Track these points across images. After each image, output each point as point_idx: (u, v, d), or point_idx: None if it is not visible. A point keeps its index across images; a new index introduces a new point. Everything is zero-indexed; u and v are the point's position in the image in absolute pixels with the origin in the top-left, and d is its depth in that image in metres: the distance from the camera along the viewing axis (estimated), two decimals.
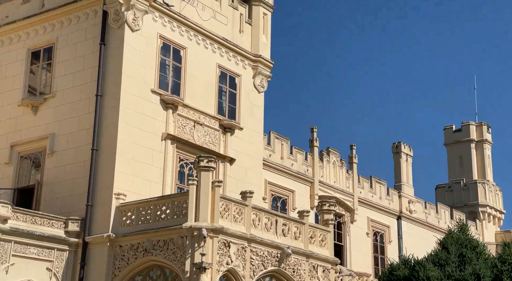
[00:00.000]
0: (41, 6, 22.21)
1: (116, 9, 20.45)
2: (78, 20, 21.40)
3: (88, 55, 20.86)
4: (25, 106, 21.66)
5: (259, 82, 24.61)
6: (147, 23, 20.98)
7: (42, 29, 22.11)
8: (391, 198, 33.52)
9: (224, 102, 23.28)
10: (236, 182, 22.74)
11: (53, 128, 20.95)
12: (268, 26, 25.26)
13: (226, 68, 23.52)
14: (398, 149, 35.76)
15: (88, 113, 20.38)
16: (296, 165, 28.31)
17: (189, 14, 22.33)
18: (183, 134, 21.53)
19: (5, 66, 22.66)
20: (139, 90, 20.50)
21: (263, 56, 24.69)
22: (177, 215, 18.33)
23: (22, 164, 21.50)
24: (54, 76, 21.48)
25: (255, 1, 24.95)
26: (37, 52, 22.15)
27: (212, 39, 23.05)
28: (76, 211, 19.67)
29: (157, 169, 20.60)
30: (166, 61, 21.62)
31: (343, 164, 30.79)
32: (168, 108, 21.21)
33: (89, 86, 20.56)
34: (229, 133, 23.03)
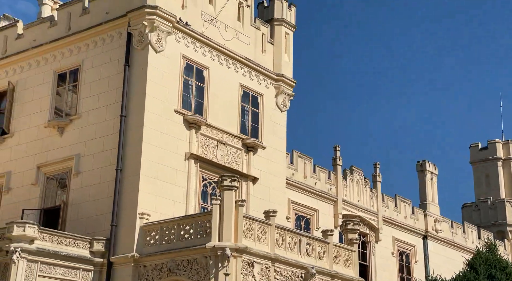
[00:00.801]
0: (67, 29, 22.67)
1: (140, 30, 20.78)
2: (103, 42, 21.77)
3: (113, 76, 21.17)
4: (52, 128, 22.00)
5: (281, 101, 24.68)
6: (170, 44, 21.25)
7: (68, 51, 22.54)
8: (417, 217, 33.10)
9: (247, 121, 23.37)
10: (259, 201, 22.69)
11: (79, 149, 21.22)
12: (290, 45, 25.40)
13: (248, 87, 23.65)
14: (422, 168, 35.43)
15: (112, 133, 20.62)
16: (320, 184, 28.18)
17: (211, 34, 22.57)
18: (206, 153, 21.62)
19: (32, 89, 23.10)
20: (162, 110, 20.70)
21: (285, 75, 24.79)
22: (201, 234, 18.33)
23: (49, 184, 21.77)
24: (80, 97, 21.82)
25: (277, 21, 25.15)
26: (63, 74, 22.55)
27: (234, 59, 23.24)
28: (101, 231, 19.80)
29: (181, 188, 20.68)
30: (189, 81, 21.83)
31: (367, 183, 30.55)
32: (191, 128, 21.36)
33: (113, 107, 20.83)
34: (252, 152, 23.07)
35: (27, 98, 23.07)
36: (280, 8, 25.32)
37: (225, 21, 23.21)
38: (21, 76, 23.49)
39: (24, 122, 22.85)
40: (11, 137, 23.00)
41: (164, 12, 20.89)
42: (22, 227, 18.19)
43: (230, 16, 23.43)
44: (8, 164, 22.73)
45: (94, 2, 22.24)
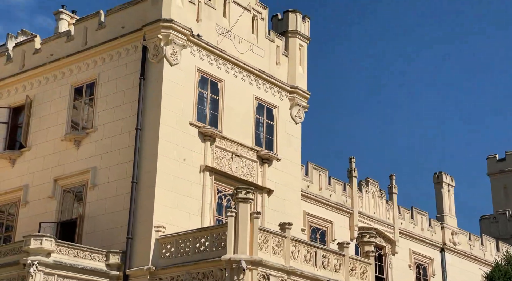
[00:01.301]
0: (84, 44, 22.93)
1: (155, 44, 20.95)
2: (119, 56, 21.98)
3: (128, 89, 21.35)
4: (68, 141, 22.18)
5: (296, 113, 24.68)
6: (185, 57, 21.40)
7: (85, 65, 22.78)
8: (434, 229, 32.78)
9: (262, 133, 23.39)
10: (274, 213, 22.64)
11: (95, 162, 21.36)
12: (304, 57, 25.45)
13: (263, 99, 23.70)
14: (439, 179, 35.16)
15: (128, 146, 20.74)
16: (335, 196, 28.05)
17: (226, 47, 22.70)
18: (221, 165, 21.65)
19: (49, 102, 23.35)
20: (177, 123, 20.80)
21: (300, 87, 24.82)
22: (216, 247, 18.30)
23: (65, 197, 21.90)
24: (96, 111, 22.00)
25: (291, 33, 25.23)
26: (79, 88, 22.77)
27: (249, 71, 23.33)
28: (117, 243, 19.86)
29: (196, 201, 20.71)
30: (204, 93, 21.94)
31: (382, 195, 30.36)
32: (206, 140, 21.42)
33: (129, 120, 20.97)
34: (266, 164, 23.06)
35: (44, 112, 23.32)
36: (294, 21, 25.41)
37: (240, 33, 23.34)
38: (38, 90, 23.77)
39: (41, 136, 23.07)
40: (28, 150, 23.22)
41: (179, 26, 21.07)
42: (39, 240, 18.31)
43: (245, 28, 23.56)
44: (26, 177, 22.94)
45: (110, 17, 22.50)
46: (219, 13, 22.82)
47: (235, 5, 23.37)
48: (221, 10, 22.90)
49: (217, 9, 22.73)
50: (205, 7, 22.32)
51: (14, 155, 23.40)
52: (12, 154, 23.41)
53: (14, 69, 24.64)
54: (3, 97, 24.68)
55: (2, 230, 23.17)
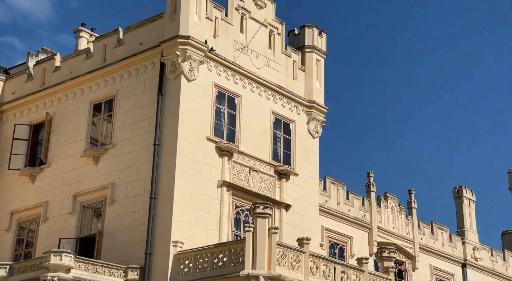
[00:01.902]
0: (103, 61, 23.21)
1: (173, 60, 21.15)
2: (137, 73, 22.21)
3: (146, 105, 21.52)
4: (87, 157, 22.37)
5: (313, 127, 24.66)
6: (202, 73, 21.55)
7: (104, 82, 23.04)
8: (454, 244, 32.35)
9: (279, 148, 23.39)
10: (292, 228, 22.53)
11: (113, 178, 21.50)
12: (321, 72, 25.49)
13: (280, 114, 23.74)
14: (459, 194, 34.79)
15: (146, 162, 20.85)
16: (353, 211, 27.87)
17: (243, 62, 22.83)
18: (239, 180, 21.66)
19: (69, 119, 23.61)
20: (195, 138, 20.89)
21: (317, 101, 24.82)
22: (234, 262, 18.25)
23: (84, 213, 22.04)
24: (114, 127, 22.19)
25: (308, 48, 25.31)
26: (98, 105, 23.01)
27: (266, 87, 23.40)
28: (136, 259, 19.89)
29: (214, 216, 20.71)
30: (221, 109, 22.04)
31: (402, 210, 30.09)
32: (224, 155, 21.47)
33: (147, 135, 21.12)
34: (284, 179, 23.02)
35: (64, 128, 23.58)
36: (311, 35, 25.51)
37: (257, 49, 23.47)
38: (58, 107, 24.06)
39: (61, 152, 23.31)
40: (48, 167, 23.46)
41: (196, 42, 21.26)
42: (59, 256, 18.40)
43: (261, 44, 23.69)
44: (46, 193, 23.15)
45: (129, 34, 22.78)
46: (236, 29, 23.00)
47: (252, 21, 23.54)
48: (238, 26, 23.08)
49: (234, 25, 22.91)
50: (222, 23, 22.51)
51: (34, 171, 23.66)
52: (33, 170, 23.67)
53: (34, 86, 25.00)
54: (23, 115, 25.03)
55: (23, 247, 23.36)
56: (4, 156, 24.70)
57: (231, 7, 22.93)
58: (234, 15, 22.96)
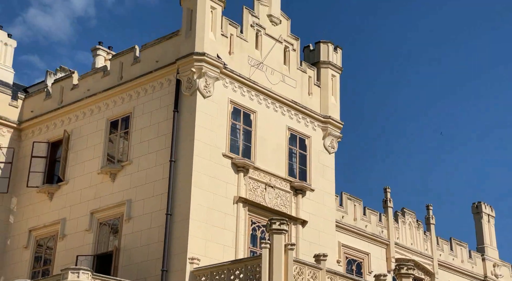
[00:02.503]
0: (119, 78, 23.44)
1: (188, 77, 21.29)
2: (153, 90, 22.38)
3: (163, 122, 21.63)
4: (104, 174, 22.49)
5: (329, 143, 24.60)
6: (218, 89, 21.65)
7: (120, 99, 23.23)
8: (474, 261, 31.87)
9: (295, 164, 23.33)
10: (309, 244, 22.39)
11: (130, 195, 21.58)
12: (337, 87, 25.48)
13: (295, 130, 23.72)
14: (478, 210, 34.35)
15: (162, 178, 20.91)
16: (370, 227, 27.63)
17: (258, 78, 22.91)
18: (255, 196, 21.62)
19: (86, 136, 23.81)
20: (211, 154, 20.94)
21: (333, 117, 24.78)
22: (251, 279, 18.15)
23: (101, 230, 22.11)
24: (131, 143, 22.33)
25: (323, 63, 25.35)
26: (115, 122, 23.18)
27: (281, 102, 23.44)
28: (152, 276, 19.86)
29: (230, 232, 20.65)
30: (237, 125, 22.09)
31: (419, 225, 29.77)
32: (240, 171, 21.47)
33: (163, 152, 21.20)
34: (300, 195, 22.93)
35: (81, 146, 23.77)
36: (326, 51, 25.55)
37: (272, 65, 23.55)
38: (75, 125, 24.29)
39: (78, 169, 23.48)
40: (66, 184, 23.63)
41: (212, 59, 21.39)
42: (76, 273, 18.42)
43: (277, 60, 23.78)
44: (63, 211, 23.29)
45: (145, 51, 23.00)
46: (251, 45, 23.12)
47: (267, 37, 23.66)
48: (253, 42, 23.21)
49: (249, 41, 23.05)
50: (237, 40, 22.66)
51: (52, 189, 23.84)
52: (50, 188, 23.85)
53: (53, 104, 25.30)
54: (42, 132, 25.30)
55: (41, 264, 23.47)
56: (23, 174, 24.94)
57: (246, 23, 23.09)
58: (249, 31, 23.11)
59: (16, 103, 25.98)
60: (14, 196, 24.94)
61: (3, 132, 25.38)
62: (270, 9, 23.99)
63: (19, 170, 25.19)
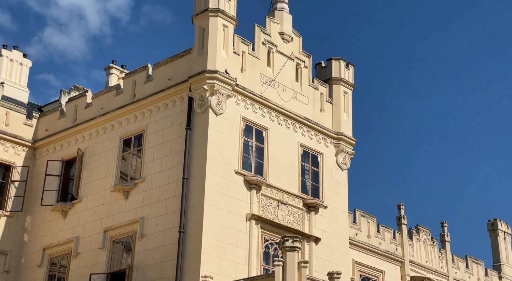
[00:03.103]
0: (132, 97, 23.63)
1: (201, 95, 21.40)
2: (165, 107, 22.50)
3: (175, 140, 21.71)
4: (117, 192, 22.55)
5: (342, 159, 24.51)
6: (230, 107, 21.73)
7: (133, 117, 23.38)
8: (490, 279, 31.41)
9: (307, 180, 23.26)
10: (322, 262, 22.21)
11: (143, 212, 21.60)
12: (349, 104, 25.46)
13: (308, 147, 23.69)
14: (494, 227, 33.98)
15: (175, 196, 20.92)
16: (384, 244, 27.37)
17: (270, 96, 22.98)
18: (267, 214, 21.55)
19: (99, 155, 23.94)
20: (223, 171, 20.94)
21: (345, 133, 24.73)
22: None
23: (115, 248, 22.11)
24: (144, 161, 22.41)
25: (335, 80, 25.37)
26: (128, 140, 23.30)
27: (293, 119, 23.45)
28: None
29: (243, 250, 20.56)
30: (249, 142, 22.11)
31: (434, 243, 29.44)
32: (252, 189, 21.44)
33: (176, 169, 21.24)
34: (313, 212, 22.82)
35: (94, 164, 23.90)
36: (338, 68, 25.59)
37: (284, 82, 23.63)
38: (89, 143, 24.45)
39: (92, 187, 23.58)
40: (79, 202, 23.72)
41: (224, 76, 21.51)
42: None
43: (288, 77, 23.85)
44: (77, 229, 23.34)
45: (157, 70, 23.20)
46: (263, 62, 23.24)
47: (278, 55, 23.77)
48: (265, 59, 23.33)
49: (261, 59, 23.17)
50: (249, 57, 22.79)
51: (66, 207, 23.95)
52: (64, 206, 23.96)
53: (67, 123, 25.53)
54: (56, 151, 25.50)
55: None
56: (37, 192, 25.10)
57: (258, 41, 23.24)
58: (261, 49, 23.24)
59: (31, 122, 26.26)
60: (28, 214, 25.09)
61: (18, 151, 25.62)
62: (282, 26, 24.14)
63: (34, 188, 25.36)
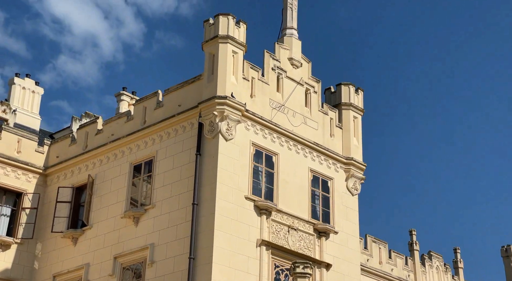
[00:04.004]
0: (143, 123, 23.76)
1: (211, 120, 21.50)
2: (176, 133, 22.60)
3: (185, 165, 21.74)
4: (128, 218, 22.52)
5: (352, 184, 24.39)
6: (240, 132, 21.78)
7: (144, 143, 23.48)
8: None
9: (318, 206, 23.13)
10: None
11: (153, 238, 21.52)
12: (359, 128, 25.43)
13: (318, 172, 23.62)
14: (507, 253, 33.53)
15: (185, 222, 20.86)
16: (396, 270, 27.02)
17: (280, 121, 23.03)
18: (278, 239, 21.40)
19: (110, 181, 23.99)
20: (233, 197, 20.89)
21: (355, 158, 24.65)
22: None
23: (125, 275, 21.98)
24: (154, 187, 22.41)
25: (345, 105, 25.40)
26: (138, 166, 23.36)
27: (303, 144, 23.44)
28: None
29: (253, 276, 20.37)
30: (259, 167, 22.10)
31: (447, 269, 29.03)
32: (262, 214, 21.35)
33: (186, 195, 21.23)
34: (324, 237, 22.63)
35: (105, 190, 23.94)
36: (347, 93, 25.64)
37: (293, 107, 23.69)
38: (100, 169, 24.53)
39: (102, 214, 23.57)
40: (90, 229, 23.69)
41: (234, 102, 21.62)
42: None
43: (298, 102, 23.93)
44: (87, 256, 23.27)
45: (168, 96, 23.37)
46: (273, 88, 23.35)
47: (288, 80, 23.90)
48: (274, 85, 23.45)
49: (270, 84, 23.29)
50: (258, 83, 22.92)
51: (76, 234, 23.92)
52: (75, 233, 23.95)
53: (78, 150, 25.67)
54: (67, 177, 25.60)
55: None
56: (48, 219, 25.14)
57: (267, 67, 23.40)
58: (270, 75, 23.39)
59: (42, 149, 26.45)
60: (39, 241, 25.08)
61: (29, 178, 25.76)
62: (291, 52, 24.31)
63: (44, 215, 25.41)
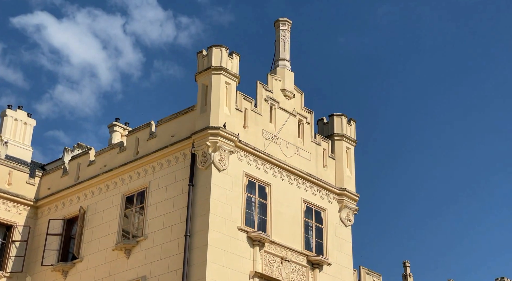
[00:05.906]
0: (135, 154, 23.67)
1: (203, 151, 21.46)
2: (168, 164, 22.51)
3: (178, 196, 21.59)
4: (119, 250, 22.24)
5: (345, 215, 24.27)
6: (233, 163, 21.73)
7: (136, 174, 23.35)
8: None
9: (311, 237, 22.95)
10: None
11: (145, 271, 21.23)
12: (351, 159, 25.44)
13: (311, 202, 23.51)
14: None
15: (177, 253, 20.61)
16: None
17: (273, 151, 23.02)
18: (271, 271, 21.14)
19: (101, 212, 23.75)
20: (226, 228, 20.71)
21: (348, 189, 24.59)
22: None
23: None
24: (146, 218, 22.20)
25: (337, 136, 25.45)
26: (131, 197, 23.17)
27: (296, 175, 23.38)
28: None
29: None
30: (252, 198, 21.97)
31: None
32: (255, 245, 21.13)
33: (178, 226, 21.02)
34: (317, 269, 22.39)
35: (96, 222, 23.68)
36: (340, 124, 25.73)
37: (286, 138, 23.72)
38: (91, 201, 24.31)
39: (93, 246, 23.26)
40: (80, 261, 23.35)
41: (227, 132, 21.63)
42: None
43: (291, 133, 23.97)
44: None
45: (160, 127, 23.35)
46: (265, 119, 23.41)
47: (280, 111, 23.98)
48: (267, 116, 23.51)
49: (263, 115, 23.36)
50: (251, 114, 22.98)
51: (66, 267, 23.57)
52: (65, 266, 23.59)
53: (69, 181, 25.47)
54: (58, 209, 25.33)
55: None
56: (38, 252, 24.77)
57: (260, 98, 23.50)
58: (263, 105, 23.47)
59: (33, 180, 26.23)
60: (28, 275, 24.66)
61: (19, 210, 25.48)
62: (284, 83, 24.47)
63: (34, 248, 25.04)
